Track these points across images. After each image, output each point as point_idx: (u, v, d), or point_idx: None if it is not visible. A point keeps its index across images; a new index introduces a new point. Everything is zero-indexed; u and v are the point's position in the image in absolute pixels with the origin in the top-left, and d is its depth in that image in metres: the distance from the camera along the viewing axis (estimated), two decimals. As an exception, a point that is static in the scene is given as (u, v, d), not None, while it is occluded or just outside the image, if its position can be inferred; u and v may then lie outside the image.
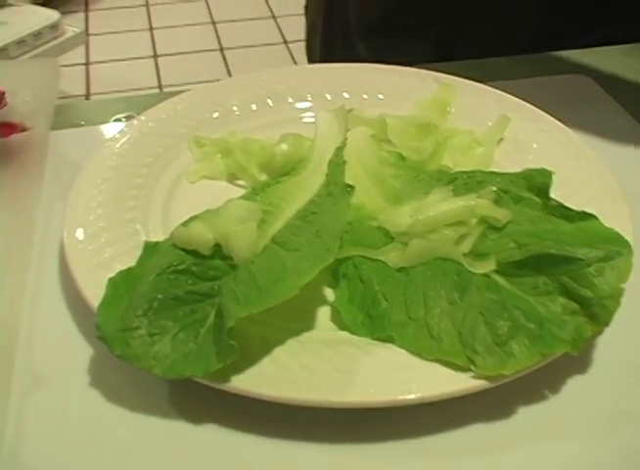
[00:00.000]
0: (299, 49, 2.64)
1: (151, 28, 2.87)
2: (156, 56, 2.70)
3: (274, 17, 2.94)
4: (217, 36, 2.83)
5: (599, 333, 0.41)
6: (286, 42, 2.78)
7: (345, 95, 0.66)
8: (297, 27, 2.70)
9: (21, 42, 2.03)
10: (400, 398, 0.39)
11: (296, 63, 2.55)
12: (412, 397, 0.39)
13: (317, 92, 0.67)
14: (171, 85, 2.49)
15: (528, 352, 0.40)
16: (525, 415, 0.42)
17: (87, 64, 2.62)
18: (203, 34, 2.84)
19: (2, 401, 0.43)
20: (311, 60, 1.05)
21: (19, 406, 0.43)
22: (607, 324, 0.40)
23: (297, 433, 0.41)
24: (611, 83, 0.73)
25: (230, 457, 0.40)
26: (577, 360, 0.44)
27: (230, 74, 2.51)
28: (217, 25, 2.90)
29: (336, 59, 0.73)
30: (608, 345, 0.46)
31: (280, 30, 2.84)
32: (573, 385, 0.44)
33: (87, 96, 2.42)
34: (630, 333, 0.47)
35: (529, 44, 0.81)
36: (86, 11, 2.97)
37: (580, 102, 0.69)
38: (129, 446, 0.41)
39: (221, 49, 2.75)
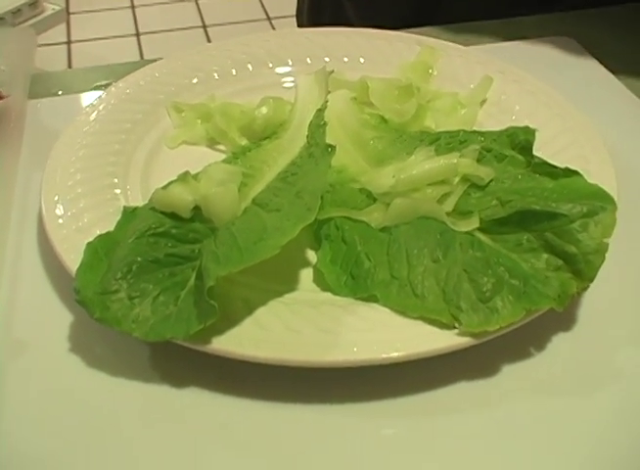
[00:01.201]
0: (282, 26, 2.63)
1: (132, 6, 2.83)
2: (138, 34, 2.67)
3: (257, -7, 2.91)
4: (200, 13, 2.80)
5: (584, 289, 0.40)
6: (269, 19, 2.75)
7: (326, 59, 0.65)
8: (280, 4, 2.69)
9: (-1, 20, 2.00)
10: (384, 356, 0.39)
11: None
12: (396, 355, 0.39)
13: (297, 57, 0.66)
14: (154, 63, 2.46)
15: (513, 308, 0.39)
16: (510, 373, 0.42)
17: (69, 43, 2.59)
18: (185, 12, 2.81)
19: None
20: (301, 26, 1.04)
21: (-1, 373, 0.42)
22: (592, 280, 0.40)
23: (280, 394, 0.41)
24: (594, 45, 0.72)
25: (213, 420, 0.40)
26: (562, 318, 0.44)
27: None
28: (199, 2, 2.87)
29: (324, 24, 0.72)
30: (592, 302, 0.45)
31: (263, 7, 2.81)
32: (558, 342, 0.43)
33: (69, 75, 2.39)
34: (615, 289, 0.46)
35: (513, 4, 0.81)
36: (66, -12, 2.92)
37: (564, 64, 0.69)
38: (111, 411, 0.40)
39: (204, 26, 2.71)
